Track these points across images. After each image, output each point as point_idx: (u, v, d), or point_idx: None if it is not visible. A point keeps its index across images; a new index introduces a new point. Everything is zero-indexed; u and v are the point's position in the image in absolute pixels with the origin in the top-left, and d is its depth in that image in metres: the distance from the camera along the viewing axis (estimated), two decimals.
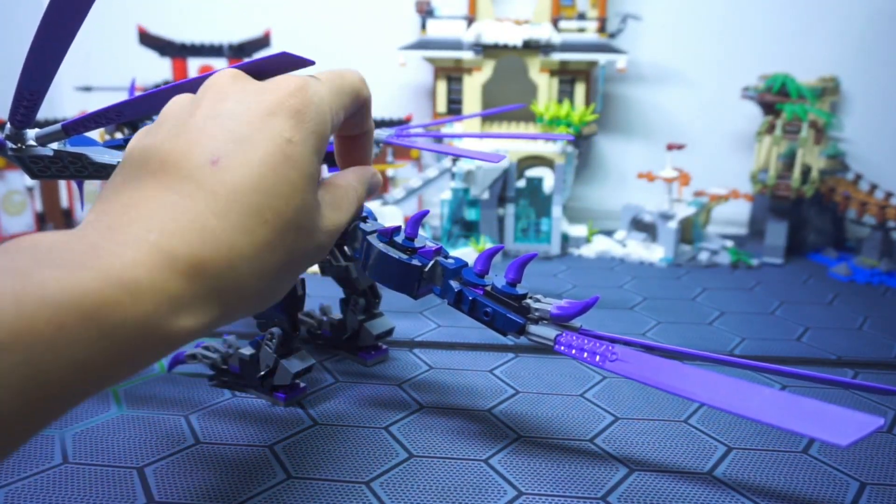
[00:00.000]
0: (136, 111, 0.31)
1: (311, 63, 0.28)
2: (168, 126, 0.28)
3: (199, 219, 0.25)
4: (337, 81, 0.31)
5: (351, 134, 0.35)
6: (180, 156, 0.27)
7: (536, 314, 0.35)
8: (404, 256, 0.36)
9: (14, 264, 0.21)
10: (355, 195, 0.33)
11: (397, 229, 0.37)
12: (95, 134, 0.40)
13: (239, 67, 0.29)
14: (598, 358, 0.32)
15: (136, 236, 0.24)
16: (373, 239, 0.37)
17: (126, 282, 0.22)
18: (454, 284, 0.36)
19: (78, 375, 0.21)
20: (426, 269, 0.36)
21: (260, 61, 0.29)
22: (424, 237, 0.38)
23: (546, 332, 0.34)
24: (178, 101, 0.30)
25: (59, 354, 0.21)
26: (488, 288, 0.35)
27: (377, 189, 0.36)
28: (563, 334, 0.34)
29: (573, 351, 0.33)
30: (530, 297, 0.35)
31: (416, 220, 0.37)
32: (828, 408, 0.26)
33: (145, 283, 0.23)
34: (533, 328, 0.34)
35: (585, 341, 0.33)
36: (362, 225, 0.39)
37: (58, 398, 0.21)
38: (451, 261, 0.37)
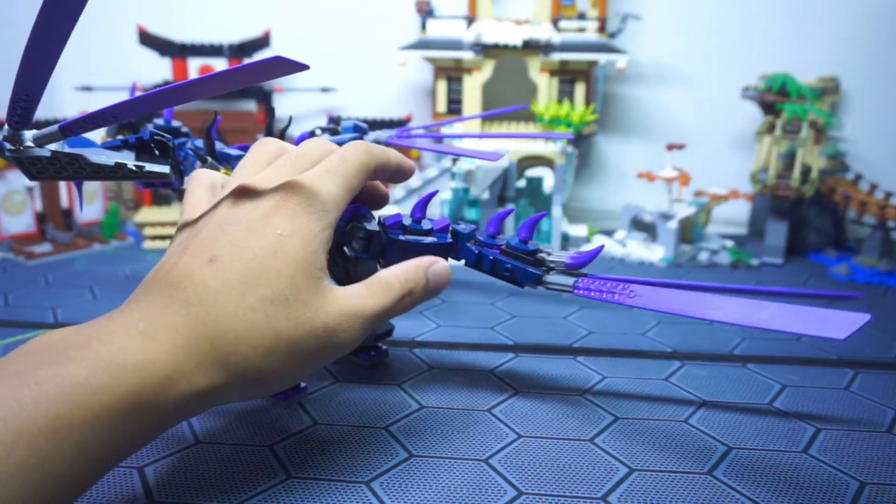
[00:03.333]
0: (132, 112, 0.31)
1: (306, 67, 0.28)
2: (189, 217, 0.34)
3: (186, 306, 0.29)
4: (341, 168, 0.34)
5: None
6: (188, 257, 0.31)
7: (551, 265, 0.38)
8: (430, 239, 0.38)
9: (16, 367, 0.24)
10: (399, 286, 0.34)
11: (400, 219, 0.38)
12: (96, 135, 0.40)
13: (235, 70, 0.29)
14: (617, 296, 0.35)
15: (126, 326, 0.27)
16: (391, 233, 0.38)
17: (112, 367, 0.25)
18: (472, 247, 0.39)
19: (81, 456, 0.24)
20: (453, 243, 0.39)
21: (254, 65, 0.29)
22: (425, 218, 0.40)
23: (564, 279, 0.37)
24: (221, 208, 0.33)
25: (60, 443, 0.23)
26: (503, 246, 0.38)
27: (443, 280, 0.36)
28: (581, 280, 0.36)
29: (592, 293, 0.36)
30: (542, 252, 0.38)
31: (424, 204, 0.39)
32: (823, 311, 0.29)
33: (130, 365, 0.26)
34: (550, 278, 0.37)
35: (602, 283, 0.36)
36: (364, 224, 0.39)
37: (68, 482, 0.24)
38: (462, 226, 0.39)
